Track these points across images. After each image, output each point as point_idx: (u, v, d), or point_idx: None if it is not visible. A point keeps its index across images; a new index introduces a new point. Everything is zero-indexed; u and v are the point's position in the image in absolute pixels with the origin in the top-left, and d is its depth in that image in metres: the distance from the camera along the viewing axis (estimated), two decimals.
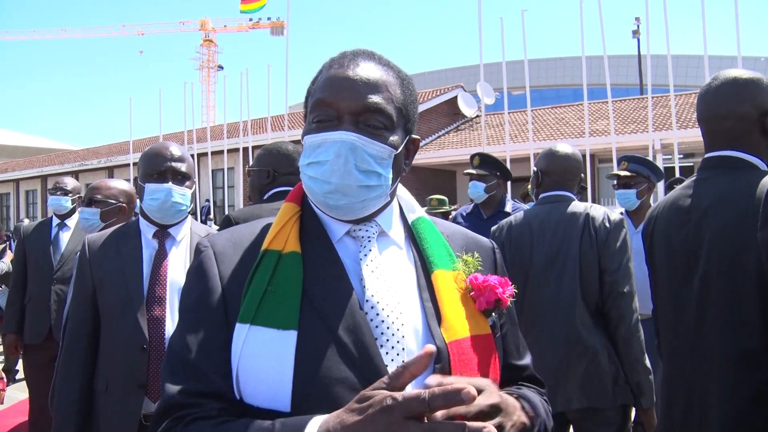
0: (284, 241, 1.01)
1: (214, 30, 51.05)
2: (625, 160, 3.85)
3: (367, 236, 1.05)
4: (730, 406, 1.56)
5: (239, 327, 0.94)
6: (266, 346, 0.92)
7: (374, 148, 1.00)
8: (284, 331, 0.92)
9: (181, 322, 1.02)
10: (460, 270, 1.07)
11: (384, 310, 0.97)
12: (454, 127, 20.87)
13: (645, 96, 15.08)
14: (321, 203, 1.03)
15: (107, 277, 2.07)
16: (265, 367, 0.91)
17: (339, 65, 1.04)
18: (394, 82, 1.06)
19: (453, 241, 1.13)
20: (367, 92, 1.00)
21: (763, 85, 1.71)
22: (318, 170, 0.99)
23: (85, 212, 2.98)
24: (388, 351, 0.94)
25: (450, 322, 0.99)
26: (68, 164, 26.21)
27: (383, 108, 1.01)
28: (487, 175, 4.17)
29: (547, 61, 39.96)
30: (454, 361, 0.95)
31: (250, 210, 2.57)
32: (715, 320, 1.62)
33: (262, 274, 0.97)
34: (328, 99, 1.01)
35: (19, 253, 4.12)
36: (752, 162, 1.69)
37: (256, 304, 0.94)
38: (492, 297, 1.03)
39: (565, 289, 2.42)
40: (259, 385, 0.92)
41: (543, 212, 2.61)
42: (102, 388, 2.03)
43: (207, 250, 1.04)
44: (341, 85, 1.01)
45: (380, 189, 1.02)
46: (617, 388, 2.36)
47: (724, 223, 1.63)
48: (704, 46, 8.35)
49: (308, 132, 1.03)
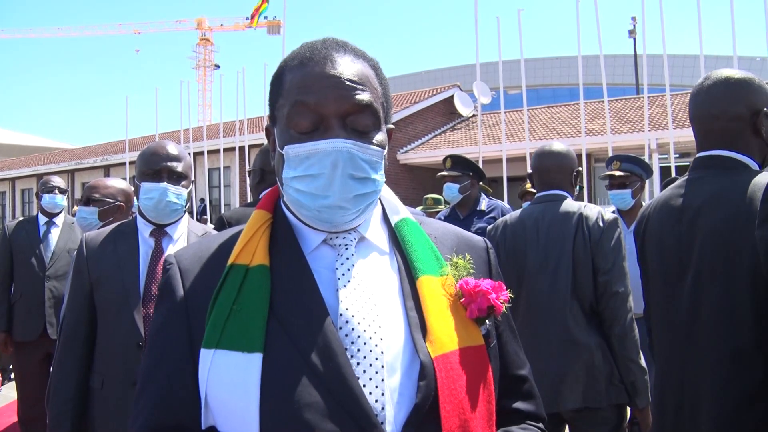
0: (252, 254, 0.94)
1: (210, 29, 50.96)
2: (616, 159, 3.85)
3: (344, 244, 0.96)
4: (722, 405, 1.56)
5: (204, 352, 0.88)
6: (231, 372, 0.85)
7: (367, 152, 0.92)
8: (249, 354, 0.85)
9: (147, 349, 0.97)
10: (449, 274, 0.98)
11: (360, 324, 0.89)
12: (450, 126, 20.88)
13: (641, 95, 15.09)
14: (312, 218, 0.94)
15: (104, 275, 2.07)
16: (232, 394, 0.85)
17: (312, 61, 0.94)
18: (372, 73, 0.97)
19: (442, 243, 1.04)
20: (352, 90, 0.92)
21: (755, 85, 1.71)
22: (312, 184, 0.91)
23: (83, 211, 2.99)
24: (366, 369, 0.86)
25: (436, 334, 0.90)
26: (64, 163, 26.17)
27: (371, 105, 0.93)
28: (460, 176, 4.22)
29: (544, 61, 39.97)
30: (441, 377, 0.87)
31: (243, 210, 2.58)
32: (708, 319, 1.62)
33: (228, 291, 0.90)
34: (310, 102, 0.91)
35: (4, 252, 4.11)
36: (744, 162, 1.70)
37: (221, 326, 0.88)
38: (484, 303, 0.94)
39: (559, 289, 2.43)
40: (228, 413, 0.86)
41: (537, 211, 2.61)
42: (98, 386, 2.04)
43: (172, 267, 0.97)
44: (321, 84, 0.91)
45: (374, 195, 0.96)
46: (612, 387, 2.36)
47: (716, 222, 1.64)
48: (700, 46, 8.38)
49: (290, 141, 0.92)
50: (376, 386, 0.86)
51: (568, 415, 2.46)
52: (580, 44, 9.78)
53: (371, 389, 0.86)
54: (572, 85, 31.92)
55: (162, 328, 0.95)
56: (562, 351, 2.38)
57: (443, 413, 0.86)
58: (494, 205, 4.25)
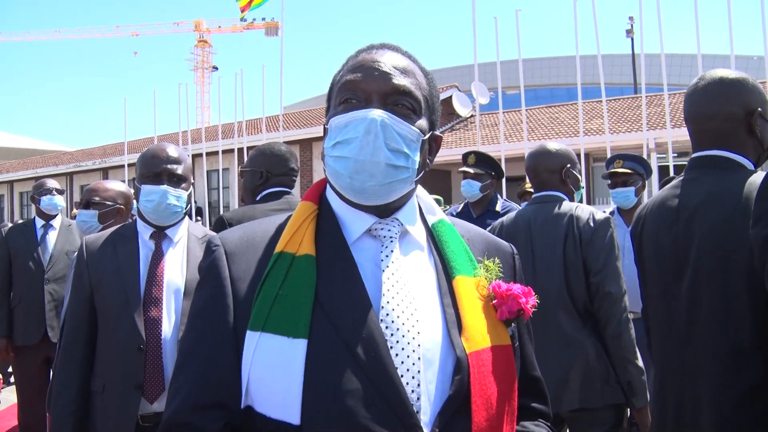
0: (299, 243, 0.98)
1: (208, 31, 50.90)
2: (619, 158, 3.86)
3: (389, 236, 1.01)
4: (722, 405, 1.57)
5: (250, 334, 0.91)
6: (276, 355, 0.89)
7: (403, 128, 0.98)
8: (294, 339, 0.89)
9: (189, 327, 1.00)
10: (481, 276, 1.03)
11: (400, 317, 0.93)
12: (448, 126, 20.87)
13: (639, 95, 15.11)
14: (346, 187, 0.98)
15: (104, 278, 2.08)
16: (275, 377, 0.89)
17: (366, 53, 1.04)
18: (419, 72, 1.06)
19: (473, 245, 1.09)
20: (395, 75, 1.00)
21: (749, 85, 1.72)
22: (345, 149, 0.96)
23: (83, 214, 2.99)
24: (404, 360, 0.90)
25: (471, 331, 0.95)
26: (63, 165, 26.15)
27: (411, 91, 1.00)
28: (483, 175, 4.16)
29: (542, 61, 39.98)
30: (474, 372, 0.92)
31: (243, 211, 2.58)
32: (706, 319, 1.63)
33: (274, 278, 0.94)
34: (357, 80, 1.00)
35: (2, 256, 4.10)
36: (739, 161, 1.71)
37: (266, 311, 0.91)
38: (515, 307, 0.99)
39: (552, 290, 2.42)
40: (270, 394, 0.89)
41: (530, 213, 2.62)
42: (99, 389, 2.04)
43: (218, 249, 1.00)
44: (370, 67, 1.01)
45: (407, 172, 0.99)
46: (608, 387, 2.36)
47: (713, 222, 1.64)
48: (698, 45, 8.38)
49: (335, 114, 1.01)
50: (413, 377, 0.90)
51: (566, 416, 2.46)
52: (577, 44, 9.79)
53: (408, 380, 0.90)
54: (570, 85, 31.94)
55: (205, 307, 0.98)
56: (557, 352, 2.38)
57: (474, 407, 0.91)
58: (509, 207, 4.18)
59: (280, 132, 14.04)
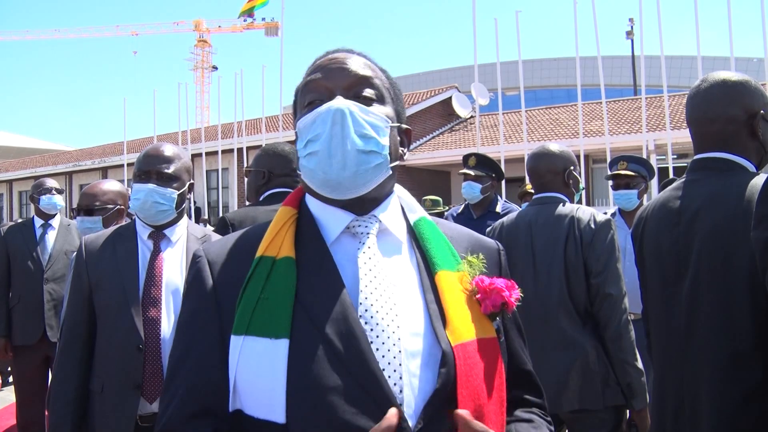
0: (278, 247, 0.99)
1: (208, 30, 50.92)
2: (623, 160, 3.86)
3: (366, 232, 1.02)
4: (721, 407, 1.57)
5: (234, 339, 0.93)
6: (260, 357, 0.91)
7: (368, 114, 1.00)
8: (276, 340, 0.90)
9: (178, 337, 1.02)
10: (464, 271, 1.04)
11: (379, 312, 0.94)
12: (448, 127, 20.89)
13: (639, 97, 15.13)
14: (321, 183, 0.99)
15: (103, 278, 2.07)
16: (260, 378, 0.90)
17: (322, 57, 1.08)
18: (377, 68, 1.09)
19: (456, 242, 1.10)
20: (354, 67, 1.04)
21: (751, 88, 1.72)
22: (315, 144, 0.98)
23: (86, 221, 2.95)
24: (385, 354, 0.91)
25: (455, 324, 0.96)
26: (62, 165, 26.12)
27: (371, 77, 1.04)
28: (483, 176, 4.19)
29: (542, 62, 40.02)
30: (460, 364, 0.92)
31: (245, 211, 2.57)
32: (706, 322, 1.63)
33: (256, 281, 0.96)
34: (317, 79, 1.04)
35: (1, 256, 4.09)
36: (741, 164, 1.71)
37: (249, 314, 0.93)
38: (498, 300, 1.00)
39: (552, 292, 2.42)
40: (255, 396, 0.91)
41: (531, 214, 2.62)
42: (98, 389, 2.03)
43: (201, 260, 1.03)
44: (330, 66, 1.04)
45: (379, 157, 0.99)
46: (607, 389, 2.36)
47: (714, 224, 1.64)
48: (697, 47, 8.40)
49: (300, 117, 1.04)
50: (394, 370, 0.91)
51: (566, 417, 2.46)
52: (577, 45, 9.81)
53: (389, 373, 0.91)
54: (570, 86, 31.98)
55: (192, 317, 1.00)
56: (557, 353, 2.38)
57: (460, 398, 0.91)
58: (509, 209, 4.19)
59: (280, 132, 14.04)
